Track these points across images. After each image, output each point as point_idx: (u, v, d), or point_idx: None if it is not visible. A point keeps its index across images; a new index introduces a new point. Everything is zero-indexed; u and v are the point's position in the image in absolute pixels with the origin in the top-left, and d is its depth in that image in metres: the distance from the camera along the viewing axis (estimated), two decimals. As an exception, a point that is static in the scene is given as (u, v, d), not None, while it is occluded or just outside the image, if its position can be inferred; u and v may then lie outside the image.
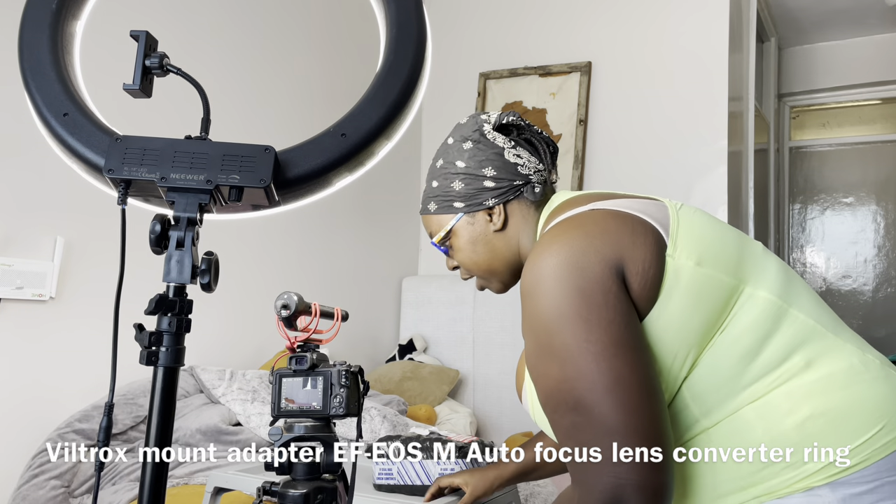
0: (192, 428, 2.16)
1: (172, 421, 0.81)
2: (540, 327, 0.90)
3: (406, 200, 3.85)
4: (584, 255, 0.90)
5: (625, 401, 0.84)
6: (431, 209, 1.15)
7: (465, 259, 1.15)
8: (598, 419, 0.84)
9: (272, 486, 0.89)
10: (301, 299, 0.90)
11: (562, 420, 0.88)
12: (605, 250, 0.91)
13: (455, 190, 1.12)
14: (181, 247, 0.80)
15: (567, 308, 0.88)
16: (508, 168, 1.11)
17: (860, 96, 4.82)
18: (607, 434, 0.84)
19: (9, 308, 2.05)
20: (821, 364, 0.92)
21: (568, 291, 0.88)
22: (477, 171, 1.11)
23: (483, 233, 1.12)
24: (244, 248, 2.78)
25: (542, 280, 0.90)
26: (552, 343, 0.88)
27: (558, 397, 0.88)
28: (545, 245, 0.94)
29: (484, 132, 1.12)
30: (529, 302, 0.92)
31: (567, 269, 0.89)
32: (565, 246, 0.92)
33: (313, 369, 0.90)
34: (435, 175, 1.16)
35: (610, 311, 0.88)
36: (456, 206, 1.12)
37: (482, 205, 1.11)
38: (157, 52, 0.88)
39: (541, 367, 0.90)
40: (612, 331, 0.87)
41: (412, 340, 3.55)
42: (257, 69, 2.95)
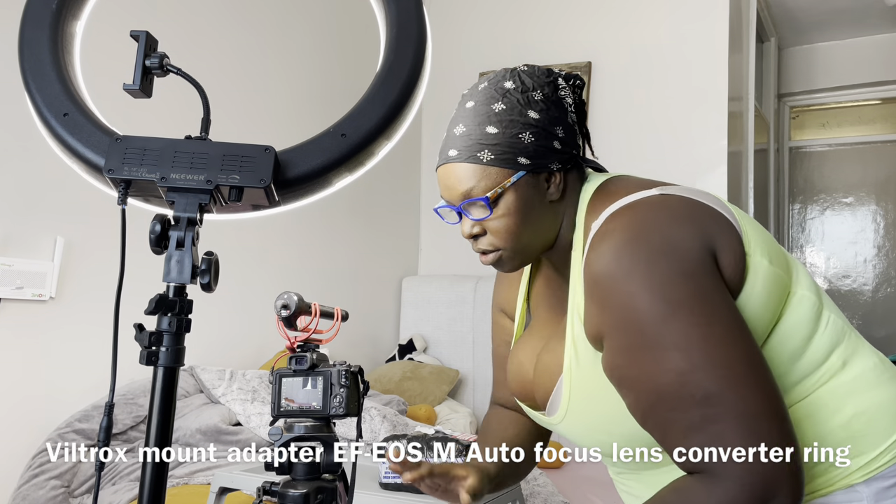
0: (192, 428, 2.16)
1: (172, 421, 0.81)
2: (644, 319, 0.81)
3: (406, 200, 3.85)
4: (684, 239, 0.83)
5: (761, 383, 0.79)
6: (484, 158, 0.93)
7: (507, 226, 0.95)
8: (737, 405, 0.78)
9: (272, 486, 0.89)
10: (301, 299, 0.90)
11: (684, 416, 0.80)
12: (703, 237, 0.85)
13: (523, 143, 0.93)
14: (181, 247, 0.80)
15: (676, 293, 0.80)
16: (572, 133, 0.98)
17: (860, 96, 4.82)
18: (750, 419, 0.77)
19: (9, 308, 2.05)
20: (853, 363, 0.92)
21: (675, 276, 0.81)
22: (550, 128, 0.95)
23: (539, 200, 0.96)
24: (244, 248, 2.78)
25: (638, 268, 0.82)
26: (664, 334, 0.80)
27: (681, 391, 0.79)
28: (626, 229, 0.85)
29: (558, 86, 0.98)
30: (618, 291, 0.83)
31: (666, 253, 0.82)
32: (661, 229, 0.84)
33: (313, 369, 0.90)
34: (491, 120, 0.95)
35: (724, 297, 0.82)
36: (521, 161, 0.93)
37: (548, 167, 0.95)
38: (157, 52, 0.88)
39: (647, 364, 0.81)
40: (728, 312, 0.81)
41: (412, 340, 3.55)
42: (257, 69, 2.95)
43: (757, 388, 0.79)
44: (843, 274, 4.81)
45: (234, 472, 1.65)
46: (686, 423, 0.80)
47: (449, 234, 3.92)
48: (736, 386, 0.78)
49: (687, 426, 0.80)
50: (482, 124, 0.95)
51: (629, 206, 0.89)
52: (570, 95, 0.99)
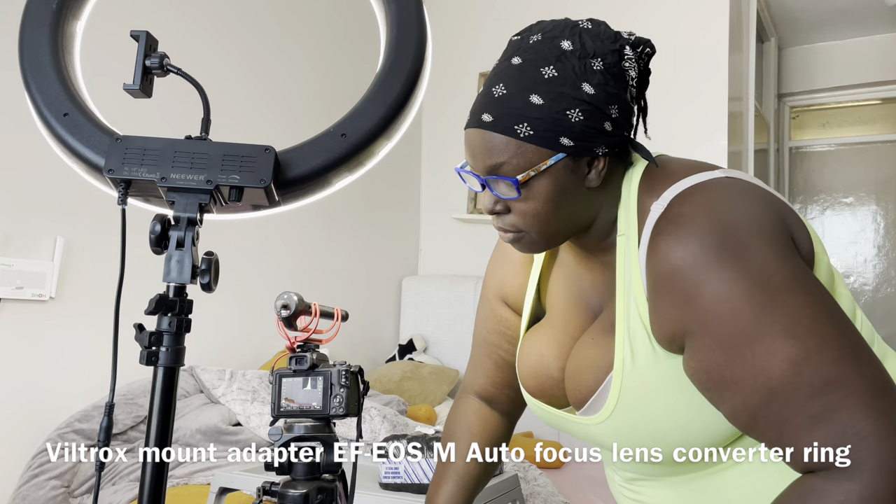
0: (192, 428, 2.16)
1: (172, 421, 0.81)
2: (745, 310, 0.72)
3: (406, 201, 3.85)
4: (767, 221, 0.77)
5: (874, 358, 0.72)
6: (522, 133, 0.81)
7: (537, 211, 0.84)
8: (861, 386, 0.69)
9: (272, 486, 0.89)
10: (301, 299, 0.90)
11: (804, 409, 0.71)
12: (780, 217, 0.79)
13: (570, 121, 0.81)
14: (181, 247, 0.80)
15: (776, 278, 0.73)
16: (627, 113, 0.85)
17: (860, 96, 4.82)
18: (877, 397, 0.69)
19: (9, 308, 2.05)
20: (887, 365, 0.84)
21: (769, 260, 0.74)
22: (604, 107, 0.82)
23: (576, 186, 0.84)
24: (244, 248, 2.78)
25: (728, 254, 0.74)
26: (771, 322, 0.71)
27: (797, 381, 0.70)
28: (704, 213, 0.77)
29: (624, 56, 0.84)
30: (711, 286, 0.74)
31: (756, 236, 0.75)
32: (746, 211, 0.77)
33: (313, 369, 0.90)
34: (538, 86, 0.81)
35: (813, 275, 0.76)
36: (563, 142, 0.81)
37: (592, 151, 0.83)
38: (157, 52, 0.88)
39: (755, 358, 0.72)
40: (825, 290, 0.75)
41: (412, 340, 3.55)
42: (257, 69, 2.95)
43: (872, 364, 0.72)
44: (843, 274, 4.81)
45: (234, 472, 1.65)
46: (807, 416, 0.70)
47: (449, 234, 3.94)
48: (856, 365, 0.71)
49: (808, 419, 0.70)
50: (527, 90, 0.82)
51: (700, 188, 0.80)
52: (635, 67, 0.85)
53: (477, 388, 1.16)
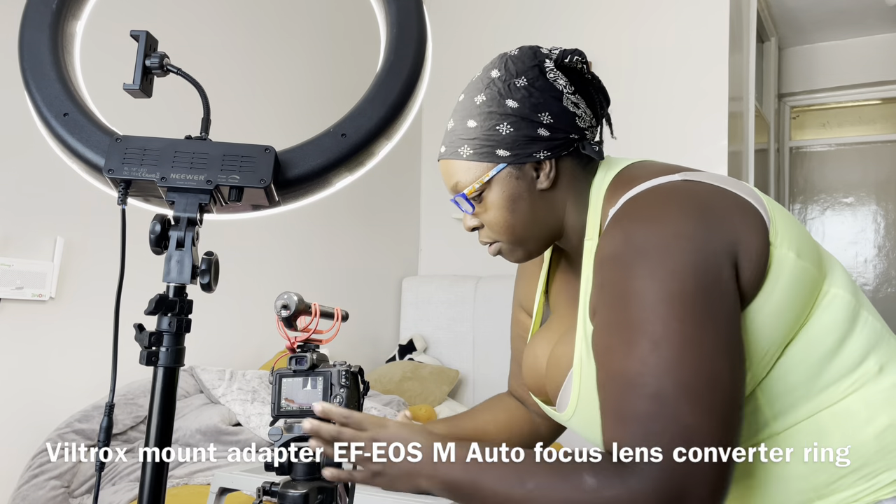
0: (192, 428, 2.16)
1: (172, 421, 0.81)
2: (634, 301, 0.78)
3: (406, 200, 3.85)
4: (699, 231, 0.79)
5: (715, 411, 0.74)
6: (464, 154, 0.93)
7: (496, 220, 0.95)
8: (681, 418, 0.73)
9: (272, 486, 0.89)
10: (301, 299, 0.90)
11: (629, 406, 0.76)
12: (721, 229, 0.80)
13: (501, 134, 0.91)
14: (181, 247, 0.80)
15: (678, 288, 0.76)
16: (566, 117, 0.92)
17: (860, 96, 4.82)
18: (692, 434, 0.73)
19: (9, 308, 2.05)
20: (891, 369, 0.87)
21: (682, 268, 0.77)
22: (531, 116, 0.91)
23: (527, 190, 0.93)
24: (244, 248, 2.78)
25: (646, 251, 0.78)
26: (648, 321, 0.76)
27: (637, 380, 0.76)
28: (645, 212, 0.82)
29: (545, 69, 0.93)
30: (622, 271, 0.79)
31: (680, 242, 0.78)
32: (675, 217, 0.80)
33: (313, 369, 0.90)
34: (472, 113, 0.94)
35: (725, 303, 0.78)
36: (500, 153, 0.92)
37: (531, 157, 0.92)
38: (157, 51, 0.88)
39: (623, 341, 0.78)
40: (721, 326, 0.77)
41: (412, 340, 3.55)
42: (257, 69, 2.95)
43: (713, 411, 0.74)
44: (843, 274, 4.81)
45: (234, 472, 1.65)
46: (628, 410, 0.76)
47: (449, 234, 3.94)
48: (692, 398, 0.74)
49: (628, 413, 0.76)
50: (465, 118, 0.95)
51: (650, 191, 0.85)
52: (563, 77, 0.93)
53: (511, 386, 1.21)
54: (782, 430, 0.86)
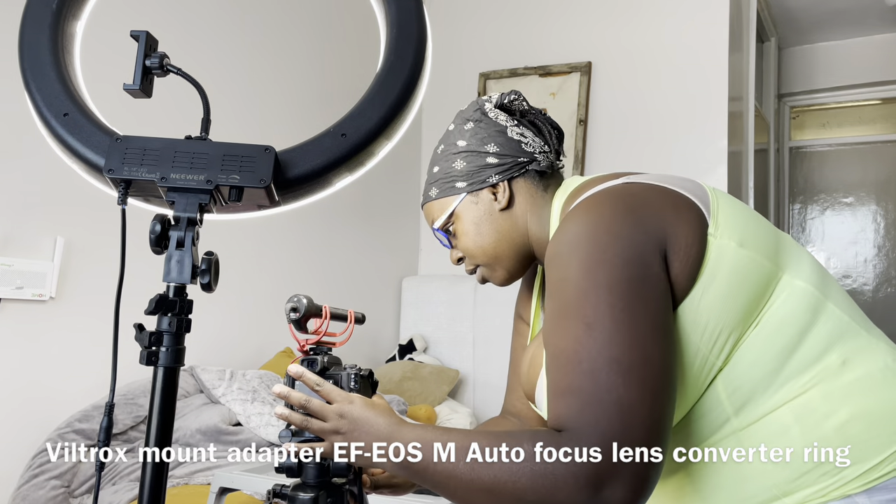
0: (192, 428, 2.16)
1: (172, 421, 0.81)
2: (570, 288, 0.84)
3: (406, 200, 3.85)
4: (627, 226, 0.85)
5: (647, 384, 0.78)
6: (433, 195, 1.09)
7: (469, 244, 1.08)
8: (612, 394, 0.78)
9: (282, 488, 0.89)
10: (311, 302, 0.90)
11: (566, 379, 0.81)
12: (650, 224, 0.86)
13: (457, 170, 1.06)
14: (181, 247, 0.80)
15: (606, 276, 0.82)
16: (511, 145, 1.06)
17: (860, 96, 4.82)
18: (625, 410, 0.77)
19: (9, 308, 2.05)
20: (857, 363, 0.87)
21: (609, 258, 0.83)
22: (479, 148, 1.06)
23: (487, 212, 1.06)
24: (244, 248, 2.78)
25: (579, 245, 0.85)
26: (581, 307, 0.82)
27: (573, 358, 0.81)
28: (582, 212, 0.89)
29: (485, 111, 1.08)
30: (560, 264, 0.86)
31: (609, 236, 0.84)
32: (606, 215, 0.87)
33: (324, 372, 0.91)
34: (436, 161, 1.11)
35: (651, 289, 0.83)
36: (458, 185, 1.06)
37: (485, 182, 1.05)
38: (157, 52, 0.88)
39: (561, 325, 0.84)
40: (650, 310, 0.82)
41: (412, 340, 3.55)
42: (257, 69, 2.95)
43: (644, 385, 0.79)
44: (843, 274, 4.81)
45: (234, 472, 1.65)
46: (566, 385, 0.81)
47: (449, 234, 3.94)
48: (624, 374, 0.78)
49: (566, 388, 0.81)
50: (431, 167, 1.11)
51: (590, 196, 0.92)
52: (503, 114, 1.07)
53: (507, 406, 1.23)
54: (743, 427, 0.87)
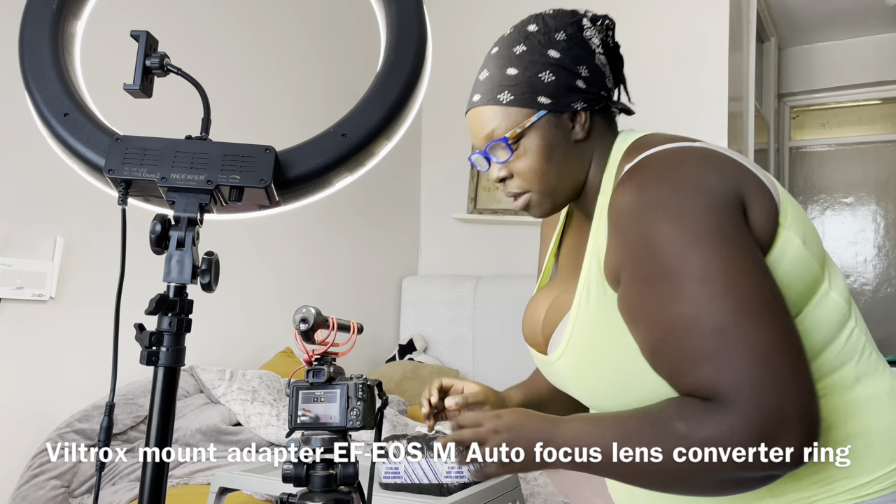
0: (192, 428, 2.16)
1: (172, 421, 0.81)
2: (664, 249, 0.79)
3: (406, 200, 3.85)
4: (710, 179, 0.82)
5: (777, 325, 0.76)
6: (504, 99, 0.94)
7: (531, 167, 0.95)
8: (751, 337, 0.74)
9: (289, 497, 0.90)
10: (319, 312, 0.91)
11: (694, 346, 0.76)
12: (731, 182, 0.82)
13: (543, 81, 0.93)
14: (181, 247, 0.80)
15: (699, 225, 0.78)
16: (598, 74, 0.96)
17: (860, 96, 4.82)
18: (763, 352, 0.74)
19: (9, 308, 2.05)
20: (866, 383, 0.87)
21: (698, 209, 0.79)
22: (572, 67, 0.94)
23: (563, 140, 0.95)
24: (244, 248, 2.78)
25: (667, 199, 0.80)
26: (683, 264, 0.77)
27: (693, 322, 0.76)
28: (658, 168, 0.84)
29: (583, 27, 0.97)
30: (643, 222, 0.81)
31: (693, 188, 0.81)
32: (688, 170, 0.83)
33: (330, 382, 0.91)
34: (511, 62, 0.95)
35: (745, 234, 0.80)
36: (541, 100, 0.93)
37: (570, 106, 0.94)
38: (157, 52, 0.88)
39: (662, 294, 0.79)
40: (750, 250, 0.79)
41: (412, 340, 3.55)
42: (257, 69, 2.95)
43: (772, 323, 0.76)
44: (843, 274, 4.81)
45: (234, 472, 1.65)
46: (696, 353, 0.76)
47: (449, 234, 3.94)
48: (751, 319, 0.75)
49: (696, 356, 0.76)
50: (503, 67, 0.96)
51: (664, 150, 0.88)
52: (597, 36, 0.97)
53: None
54: None
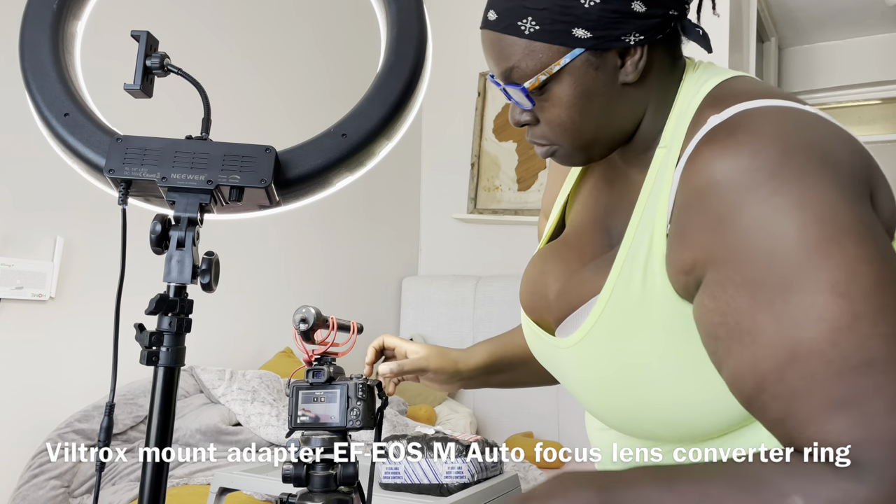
0: (192, 428, 2.16)
1: (172, 421, 0.81)
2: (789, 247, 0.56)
3: (406, 200, 3.85)
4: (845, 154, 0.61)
5: None
6: (527, 29, 0.69)
7: (561, 120, 0.72)
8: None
9: (289, 497, 0.90)
10: (319, 313, 0.91)
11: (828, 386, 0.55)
12: (863, 159, 0.63)
13: (583, 7, 0.67)
14: (182, 247, 0.80)
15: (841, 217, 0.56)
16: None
17: (860, 96, 4.82)
18: None
19: (9, 308, 2.05)
20: None
21: (836, 195, 0.57)
22: None
23: (606, 84, 0.71)
24: (244, 248, 2.78)
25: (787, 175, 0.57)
26: (819, 270, 0.55)
27: (831, 351, 0.54)
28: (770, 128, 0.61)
29: None
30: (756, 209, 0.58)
31: (828, 164, 0.59)
32: (810, 136, 0.61)
33: (330, 382, 0.91)
34: None
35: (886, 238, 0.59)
36: (578, 34, 0.68)
37: (620, 41, 0.69)
38: (157, 52, 0.88)
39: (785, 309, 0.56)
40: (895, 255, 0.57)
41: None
42: (258, 69, 2.95)
43: None
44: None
45: (234, 472, 1.65)
46: (829, 396, 0.54)
47: (449, 234, 3.94)
48: None
49: (829, 400, 0.54)
50: None
51: (778, 108, 0.64)
52: None
53: None
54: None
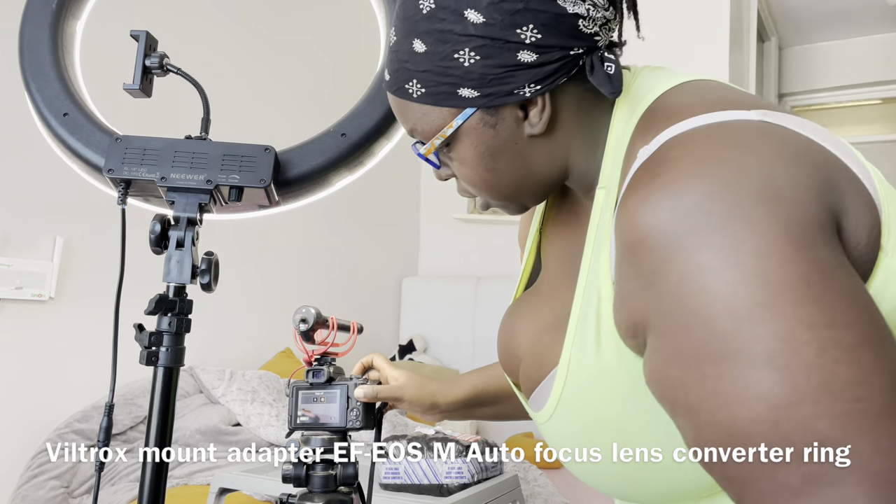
0: (192, 428, 2.16)
1: (172, 421, 0.81)
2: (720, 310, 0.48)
3: (406, 200, 3.85)
4: (791, 186, 0.50)
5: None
6: (414, 93, 0.64)
7: (472, 179, 0.67)
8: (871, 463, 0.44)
9: (289, 497, 0.90)
10: (319, 313, 0.91)
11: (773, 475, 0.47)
12: (819, 183, 0.51)
13: (463, 66, 0.60)
14: (181, 247, 0.80)
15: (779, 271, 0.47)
16: (563, 27, 0.60)
17: (860, 96, 4.82)
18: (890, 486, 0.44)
19: (8, 308, 2.05)
20: None
21: (774, 241, 0.48)
22: (505, 34, 0.59)
23: (510, 140, 0.64)
24: (244, 248, 2.78)
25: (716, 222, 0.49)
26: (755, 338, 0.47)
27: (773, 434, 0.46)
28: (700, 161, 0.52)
29: None
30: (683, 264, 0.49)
31: (766, 202, 0.49)
32: (744, 163, 0.51)
33: (330, 382, 0.91)
34: (418, 27, 0.62)
35: (848, 275, 0.49)
36: (463, 94, 0.61)
37: (513, 94, 0.61)
38: (157, 51, 0.88)
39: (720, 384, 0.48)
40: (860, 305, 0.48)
41: (412, 341, 3.55)
42: (257, 69, 2.95)
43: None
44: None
45: (234, 472, 1.65)
46: (781, 483, 0.47)
47: (449, 234, 3.94)
48: (871, 431, 0.45)
49: (781, 487, 0.47)
50: (409, 35, 0.63)
51: (708, 129, 0.55)
52: None
53: None
54: None
